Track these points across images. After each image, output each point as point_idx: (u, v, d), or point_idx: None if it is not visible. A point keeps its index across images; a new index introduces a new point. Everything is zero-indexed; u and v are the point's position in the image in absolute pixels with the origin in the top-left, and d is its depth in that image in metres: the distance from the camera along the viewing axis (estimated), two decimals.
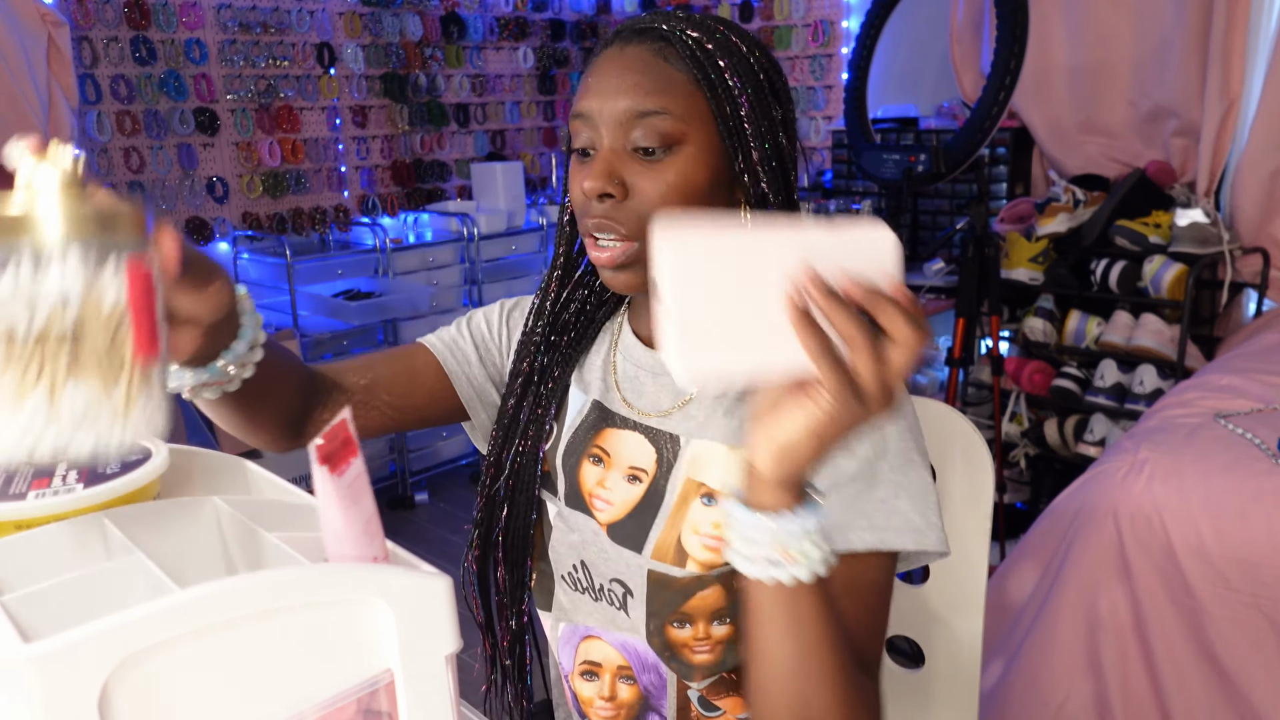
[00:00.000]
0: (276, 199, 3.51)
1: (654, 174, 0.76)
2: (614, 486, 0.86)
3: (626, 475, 0.86)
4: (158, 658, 0.37)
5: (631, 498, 0.85)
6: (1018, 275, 2.85)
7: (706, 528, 0.80)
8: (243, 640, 0.39)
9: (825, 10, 3.70)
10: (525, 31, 4.16)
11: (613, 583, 0.86)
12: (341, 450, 0.41)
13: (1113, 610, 1.67)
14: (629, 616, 0.85)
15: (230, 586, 0.38)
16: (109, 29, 3.03)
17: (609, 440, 0.87)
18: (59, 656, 0.34)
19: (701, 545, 0.80)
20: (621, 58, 0.77)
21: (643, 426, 0.86)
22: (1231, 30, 2.62)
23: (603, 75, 0.78)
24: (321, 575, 0.41)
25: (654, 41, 0.77)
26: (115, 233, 0.46)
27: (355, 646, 0.42)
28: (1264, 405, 1.90)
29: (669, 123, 0.75)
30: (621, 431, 0.87)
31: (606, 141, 0.77)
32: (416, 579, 0.44)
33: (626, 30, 0.80)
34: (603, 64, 0.79)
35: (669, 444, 0.85)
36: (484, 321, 0.99)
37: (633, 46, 0.78)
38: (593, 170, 0.76)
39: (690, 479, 0.82)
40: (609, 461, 0.87)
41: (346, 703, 0.41)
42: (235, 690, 0.39)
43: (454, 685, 0.46)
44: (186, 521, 0.52)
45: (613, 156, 0.76)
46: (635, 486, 0.85)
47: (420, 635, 0.43)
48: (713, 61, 0.76)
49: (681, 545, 0.81)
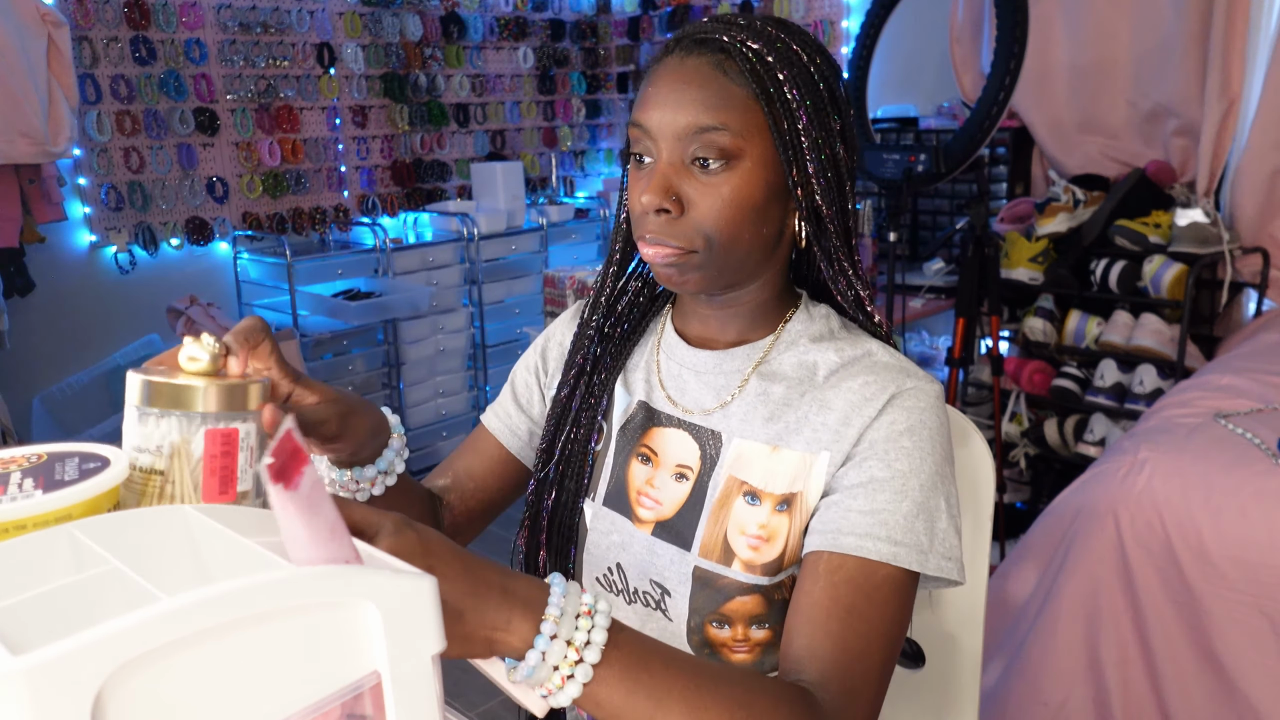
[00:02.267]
0: (276, 199, 3.51)
1: (710, 188, 0.77)
2: (662, 485, 0.87)
3: (674, 473, 0.87)
4: (149, 667, 0.37)
5: (679, 496, 0.86)
6: (1018, 275, 2.85)
7: (752, 528, 0.81)
8: (233, 646, 0.39)
9: (825, 10, 3.70)
10: (525, 31, 4.16)
11: (651, 584, 0.86)
12: (292, 461, 0.42)
13: (1113, 610, 1.67)
14: (667, 619, 0.85)
15: (222, 591, 0.38)
16: (109, 29, 3.03)
17: (656, 439, 0.88)
18: (50, 668, 0.34)
19: (747, 545, 0.81)
20: (682, 70, 0.78)
21: (687, 424, 0.87)
22: (1231, 30, 2.62)
23: (662, 87, 0.78)
24: (311, 578, 0.41)
25: (714, 54, 0.77)
26: (234, 404, 0.62)
27: (342, 649, 0.42)
28: (1264, 405, 1.90)
29: (727, 138, 0.76)
30: (667, 430, 0.88)
31: (664, 155, 0.78)
32: (403, 579, 0.44)
33: (687, 40, 0.79)
34: (663, 75, 0.79)
35: (711, 441, 0.86)
36: (524, 371, 1.02)
37: (693, 58, 0.78)
38: (651, 184, 0.78)
39: (733, 476, 0.83)
40: (656, 460, 0.88)
41: (332, 707, 0.41)
42: (226, 697, 0.39)
43: (439, 685, 0.45)
44: (156, 530, 0.52)
45: (670, 170, 0.78)
46: (682, 484, 0.86)
47: (407, 635, 0.43)
48: (773, 75, 0.77)
49: (728, 543, 0.82)
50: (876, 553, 0.74)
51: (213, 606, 0.38)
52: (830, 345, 0.85)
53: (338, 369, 3.31)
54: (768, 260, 0.84)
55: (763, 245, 0.82)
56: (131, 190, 3.16)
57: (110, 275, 3.18)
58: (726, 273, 0.82)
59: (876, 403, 0.79)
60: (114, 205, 3.12)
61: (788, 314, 0.89)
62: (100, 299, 3.17)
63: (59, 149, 2.61)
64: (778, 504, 0.81)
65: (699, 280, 0.81)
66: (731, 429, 0.85)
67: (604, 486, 0.90)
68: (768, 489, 0.81)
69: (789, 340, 0.87)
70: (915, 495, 0.76)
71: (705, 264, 0.80)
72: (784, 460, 0.82)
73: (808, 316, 0.88)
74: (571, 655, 0.58)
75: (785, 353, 0.87)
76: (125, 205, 3.15)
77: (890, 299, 2.68)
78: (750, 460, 0.83)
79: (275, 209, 3.52)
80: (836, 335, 0.87)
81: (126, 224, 3.17)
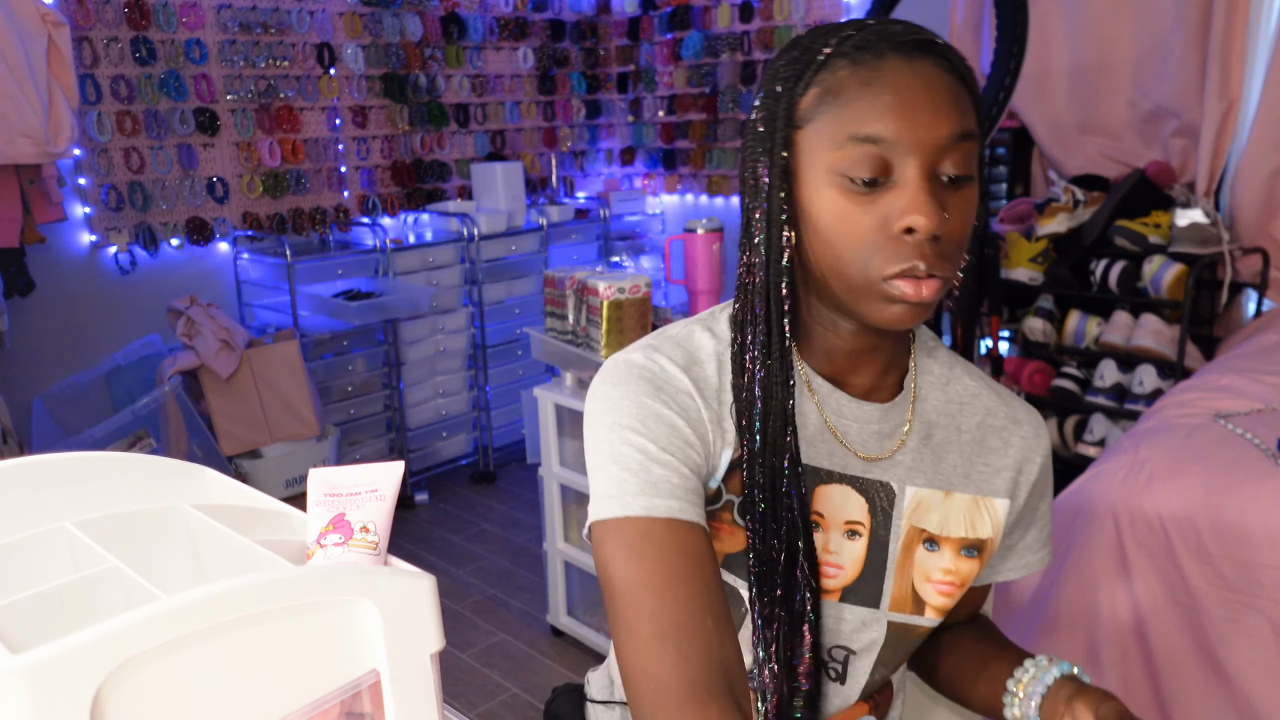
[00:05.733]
0: (276, 199, 3.51)
1: (958, 206, 0.71)
2: (838, 549, 0.81)
3: (844, 532, 0.81)
4: (148, 665, 0.37)
5: (857, 555, 0.81)
6: (1018, 275, 2.85)
7: (937, 574, 0.82)
8: (232, 644, 0.39)
9: (825, 10, 3.70)
10: (525, 31, 4.16)
11: (834, 650, 0.83)
12: None
13: (1113, 610, 1.67)
14: (843, 671, 0.84)
15: (221, 590, 0.38)
16: (109, 29, 3.03)
17: (819, 500, 0.80)
18: (50, 666, 0.34)
19: (936, 591, 0.83)
20: (919, 74, 0.69)
21: (849, 478, 0.81)
22: (1231, 30, 2.62)
23: (905, 94, 0.68)
24: (311, 576, 0.41)
25: (938, 58, 0.70)
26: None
27: (341, 647, 0.42)
28: (1264, 405, 1.90)
29: (976, 147, 0.72)
30: (829, 487, 0.80)
31: (916, 171, 0.69)
32: (402, 579, 0.44)
33: (906, 44, 0.70)
34: (897, 82, 0.69)
35: (880, 492, 0.81)
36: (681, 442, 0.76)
37: (923, 64, 0.69)
38: (925, 205, 0.68)
39: (913, 526, 0.82)
40: (825, 523, 0.81)
41: (331, 704, 0.41)
42: (225, 695, 0.39)
43: (438, 684, 0.45)
44: (155, 528, 0.52)
45: (934, 188, 0.70)
46: (856, 542, 0.81)
47: (407, 634, 0.43)
48: (972, 77, 0.73)
49: (917, 593, 0.83)
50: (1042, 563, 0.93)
51: (212, 606, 0.38)
52: (952, 374, 0.87)
53: (338, 369, 3.31)
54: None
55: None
56: (132, 190, 3.16)
57: (110, 275, 3.18)
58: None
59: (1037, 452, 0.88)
60: (114, 205, 3.12)
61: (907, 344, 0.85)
62: (100, 299, 3.17)
63: (59, 149, 2.61)
64: (961, 548, 0.83)
65: (929, 312, 0.73)
66: (900, 477, 0.81)
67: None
68: (945, 534, 0.83)
69: (925, 376, 0.85)
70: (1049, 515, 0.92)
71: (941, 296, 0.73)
72: (956, 504, 0.83)
73: (920, 346, 0.86)
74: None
75: (931, 392, 0.85)
76: (125, 205, 3.15)
77: None
78: (928, 508, 0.82)
79: (275, 209, 3.52)
80: (948, 363, 0.88)
81: (127, 224, 3.17)
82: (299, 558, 0.47)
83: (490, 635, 2.59)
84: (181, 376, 2.82)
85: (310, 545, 0.53)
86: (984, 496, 0.83)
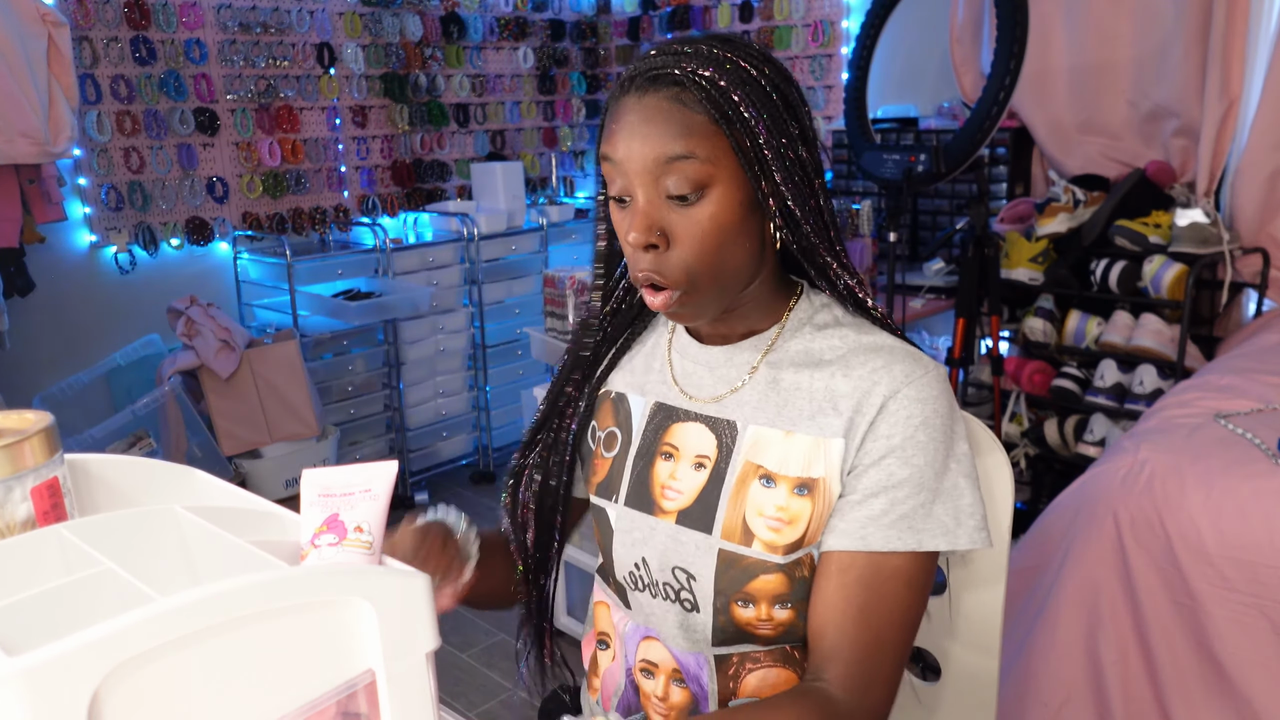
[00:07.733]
0: (276, 199, 3.51)
1: (689, 220, 0.81)
2: (683, 476, 0.91)
3: (693, 464, 0.91)
4: (145, 667, 0.37)
5: (698, 484, 0.90)
6: (1018, 275, 2.85)
7: (770, 510, 0.85)
8: (228, 645, 0.39)
9: (825, 10, 3.70)
10: (525, 31, 4.16)
11: (673, 573, 0.90)
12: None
13: (1113, 610, 1.67)
14: (695, 612, 0.90)
15: (217, 591, 0.38)
16: (109, 29, 3.03)
17: (676, 435, 0.93)
18: (48, 669, 0.34)
19: (766, 526, 0.85)
20: (641, 107, 0.80)
21: (703, 416, 0.92)
22: (1231, 30, 2.62)
23: (626, 122, 0.81)
24: (306, 577, 0.41)
25: (669, 87, 0.79)
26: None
27: (337, 647, 0.42)
28: (1264, 405, 1.89)
29: (696, 166, 0.79)
30: (685, 424, 0.93)
31: (641, 192, 0.81)
32: (397, 578, 0.44)
33: (640, 77, 0.81)
34: (624, 112, 0.81)
35: (727, 430, 0.90)
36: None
37: (650, 96, 0.80)
38: (635, 223, 0.81)
39: (749, 462, 0.87)
40: (677, 455, 0.92)
41: (327, 704, 0.40)
42: (221, 695, 0.39)
43: (434, 683, 0.45)
44: (147, 530, 0.52)
45: (650, 208, 0.81)
46: (700, 473, 0.90)
47: (402, 634, 0.43)
48: (728, 98, 0.79)
49: (747, 525, 0.86)
50: (903, 544, 0.81)
51: (208, 606, 0.38)
52: (835, 332, 0.89)
53: (338, 369, 3.31)
54: (758, 266, 0.88)
55: (749, 258, 0.85)
56: (131, 190, 3.16)
57: (110, 275, 3.18)
58: (724, 295, 0.86)
59: (883, 389, 0.83)
60: (114, 205, 3.12)
61: (790, 303, 0.92)
62: (100, 299, 3.17)
63: (59, 149, 2.61)
64: (795, 487, 0.85)
65: (697, 312, 0.86)
66: (745, 416, 0.89)
67: (625, 488, 0.95)
68: (782, 472, 0.85)
69: (793, 328, 0.91)
70: (932, 484, 0.82)
71: (701, 297, 0.84)
72: (797, 445, 0.86)
73: (809, 304, 0.92)
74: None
75: (791, 340, 0.90)
76: (125, 205, 3.15)
77: (890, 299, 2.68)
78: (765, 445, 0.87)
79: (275, 209, 3.52)
80: (841, 322, 0.91)
81: (126, 224, 3.17)
82: (293, 559, 0.47)
83: (490, 635, 2.59)
84: (181, 376, 2.82)
85: (304, 546, 0.54)
86: (825, 438, 0.85)
